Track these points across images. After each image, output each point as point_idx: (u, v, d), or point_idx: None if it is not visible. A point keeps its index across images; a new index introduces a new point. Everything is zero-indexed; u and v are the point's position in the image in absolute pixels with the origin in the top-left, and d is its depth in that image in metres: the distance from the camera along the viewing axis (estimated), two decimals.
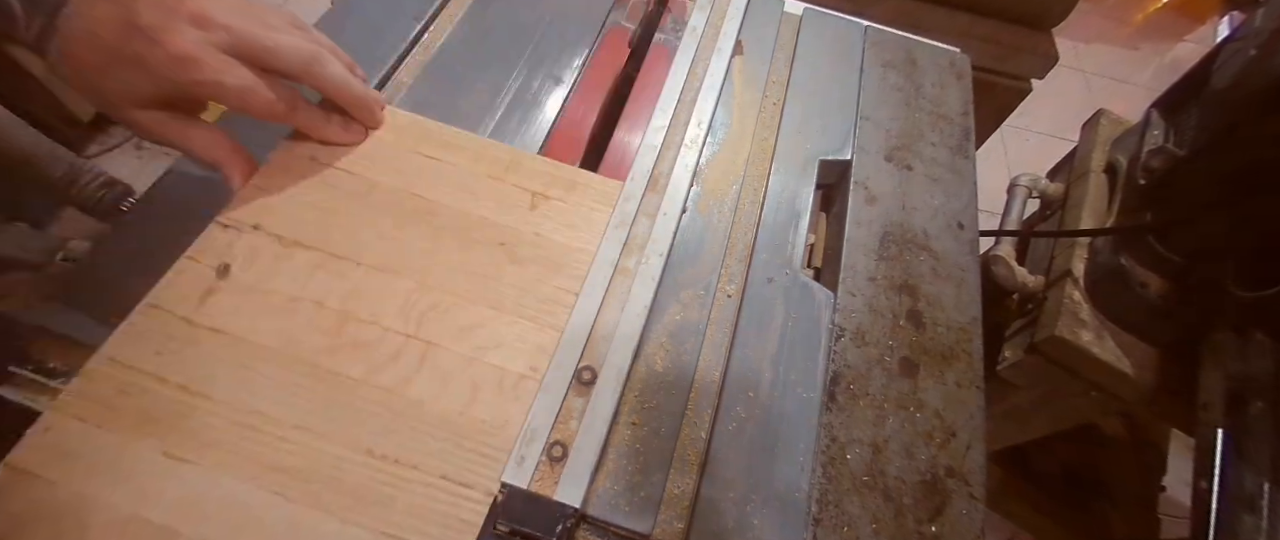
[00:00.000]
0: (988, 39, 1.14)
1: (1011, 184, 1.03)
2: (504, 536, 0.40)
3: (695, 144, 0.60)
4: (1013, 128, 2.09)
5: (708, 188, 0.59)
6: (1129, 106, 2.20)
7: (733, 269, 0.54)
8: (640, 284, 0.51)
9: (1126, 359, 0.78)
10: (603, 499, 0.41)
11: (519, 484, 0.41)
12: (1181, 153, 0.79)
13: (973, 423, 0.49)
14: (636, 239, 0.53)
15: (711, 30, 0.70)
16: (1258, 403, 0.64)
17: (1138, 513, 1.12)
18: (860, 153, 0.63)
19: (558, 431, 0.43)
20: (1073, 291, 0.83)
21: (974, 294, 0.56)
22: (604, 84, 0.66)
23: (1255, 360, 0.66)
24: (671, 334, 0.49)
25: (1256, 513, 0.59)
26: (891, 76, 0.70)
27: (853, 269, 0.55)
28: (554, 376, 0.45)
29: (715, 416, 0.46)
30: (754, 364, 0.49)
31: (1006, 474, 1.21)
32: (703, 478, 0.44)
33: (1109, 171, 0.93)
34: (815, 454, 0.46)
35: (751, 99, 0.66)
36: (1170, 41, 2.64)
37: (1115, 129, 1.00)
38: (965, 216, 0.61)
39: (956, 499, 0.45)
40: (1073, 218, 0.91)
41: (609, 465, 0.43)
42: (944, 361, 0.52)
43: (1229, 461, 0.62)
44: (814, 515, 0.43)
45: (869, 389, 0.49)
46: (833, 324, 0.52)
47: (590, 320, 0.48)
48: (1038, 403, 0.94)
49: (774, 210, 0.58)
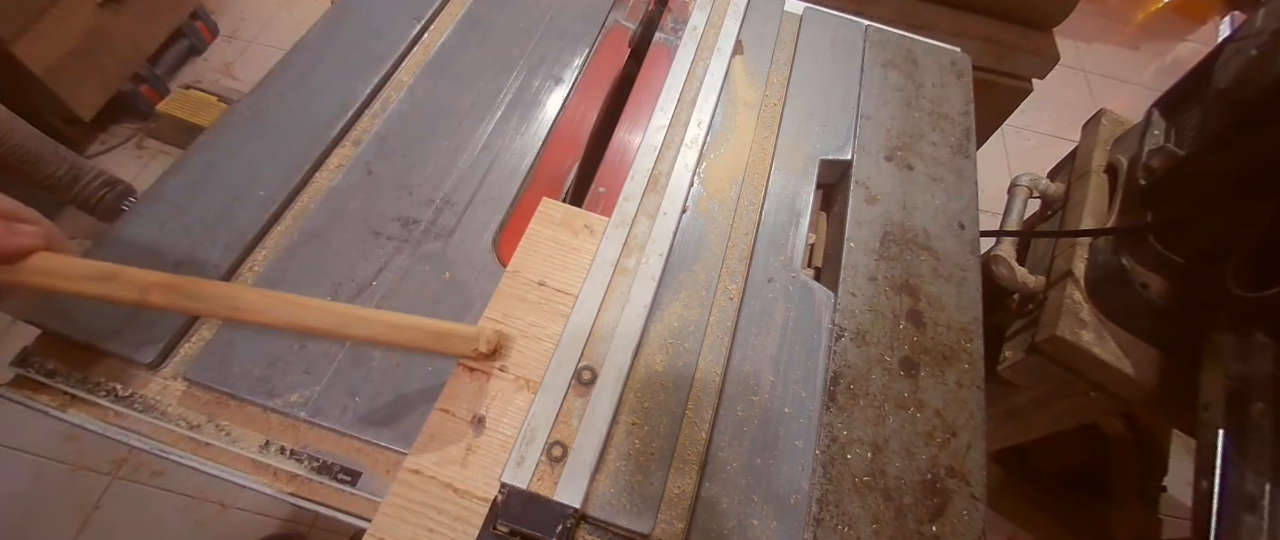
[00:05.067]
0: (988, 39, 1.13)
1: (1012, 184, 1.03)
2: (504, 537, 0.40)
3: (695, 143, 0.60)
4: (1013, 127, 2.09)
5: (708, 187, 0.58)
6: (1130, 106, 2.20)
7: (733, 269, 0.54)
8: (640, 284, 0.50)
9: (1127, 359, 0.78)
10: (603, 499, 0.41)
11: (519, 484, 0.41)
12: (1182, 153, 0.79)
13: (973, 423, 0.49)
14: (636, 239, 0.53)
15: (712, 30, 0.70)
16: (1258, 403, 0.64)
17: (1138, 513, 1.11)
18: (861, 152, 0.63)
19: (557, 431, 0.43)
20: (1073, 291, 0.82)
21: (975, 294, 0.56)
22: (604, 83, 0.66)
23: (1256, 361, 0.66)
24: (671, 334, 0.49)
25: (1257, 513, 0.59)
26: (892, 76, 0.70)
27: (853, 269, 0.55)
28: (554, 376, 0.45)
29: (715, 416, 0.46)
30: (754, 364, 0.49)
31: (1007, 474, 1.21)
32: (703, 477, 0.44)
33: (1110, 171, 0.93)
34: (815, 454, 0.46)
35: (752, 99, 0.66)
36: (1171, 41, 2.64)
37: (1116, 129, 1.00)
38: (966, 216, 0.60)
39: (957, 499, 0.45)
40: (1073, 218, 0.91)
41: (609, 465, 0.43)
42: (944, 361, 0.51)
43: (1230, 462, 0.62)
44: (814, 515, 0.43)
45: (869, 389, 0.49)
46: (833, 324, 0.52)
47: (590, 320, 0.48)
48: (1038, 403, 0.94)
49: (774, 210, 0.58)
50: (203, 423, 0.43)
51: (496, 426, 0.43)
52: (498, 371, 0.45)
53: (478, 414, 0.43)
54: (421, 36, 0.66)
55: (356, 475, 0.43)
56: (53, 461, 1.23)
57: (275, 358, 0.45)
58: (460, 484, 0.40)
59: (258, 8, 2.05)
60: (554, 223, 0.53)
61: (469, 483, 0.40)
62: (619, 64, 0.68)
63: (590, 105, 0.63)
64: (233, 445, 0.43)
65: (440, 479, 0.40)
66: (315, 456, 0.43)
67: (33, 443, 1.24)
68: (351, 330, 0.37)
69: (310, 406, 0.43)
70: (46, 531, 1.18)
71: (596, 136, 0.62)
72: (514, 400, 0.44)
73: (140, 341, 0.44)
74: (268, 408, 0.44)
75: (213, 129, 0.55)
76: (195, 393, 0.44)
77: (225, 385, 0.43)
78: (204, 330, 0.46)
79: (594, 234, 0.53)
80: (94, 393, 0.43)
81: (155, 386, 0.44)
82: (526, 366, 0.45)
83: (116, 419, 0.43)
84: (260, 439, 0.43)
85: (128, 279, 0.34)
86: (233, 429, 0.43)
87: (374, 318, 0.38)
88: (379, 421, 0.43)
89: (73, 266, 0.34)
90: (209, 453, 0.43)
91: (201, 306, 0.35)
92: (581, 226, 0.53)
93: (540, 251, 0.51)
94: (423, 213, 0.54)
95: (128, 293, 0.34)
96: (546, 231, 0.52)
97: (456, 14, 0.68)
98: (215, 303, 0.35)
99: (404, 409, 0.44)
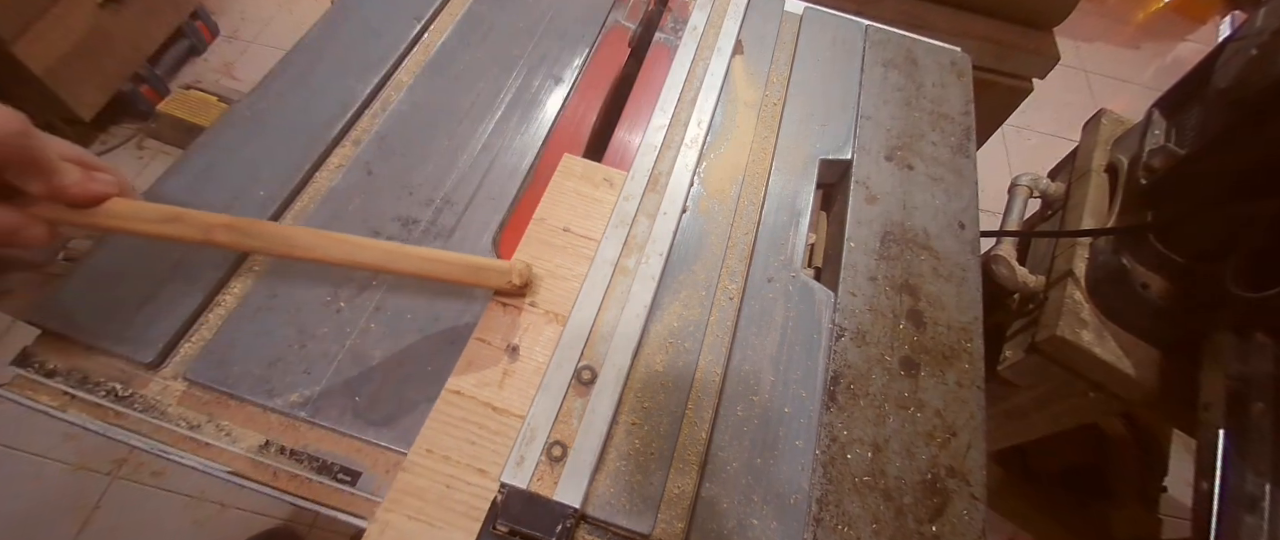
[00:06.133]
0: (988, 38, 1.13)
1: (1012, 184, 1.03)
2: (503, 536, 0.40)
3: (695, 143, 0.60)
4: (1014, 127, 2.09)
5: (708, 187, 0.58)
6: (1130, 106, 2.20)
7: (733, 268, 0.54)
8: (640, 284, 0.50)
9: (1127, 359, 0.78)
10: (603, 499, 0.41)
11: (518, 484, 0.41)
12: (1183, 152, 0.79)
13: (973, 422, 0.49)
14: (636, 239, 0.53)
15: (712, 29, 0.70)
16: (1259, 403, 0.64)
17: (1138, 513, 1.11)
18: (861, 152, 0.63)
19: (557, 431, 0.43)
20: (1074, 291, 0.82)
21: (975, 294, 0.56)
22: (604, 83, 0.66)
23: (1256, 361, 0.66)
24: (671, 334, 0.49)
25: (1258, 514, 0.59)
26: (892, 76, 0.70)
27: (853, 268, 0.55)
28: (554, 376, 0.45)
29: (715, 416, 0.46)
30: (754, 364, 0.49)
31: (1007, 474, 1.21)
32: (703, 477, 0.44)
33: (1110, 171, 0.93)
34: (815, 454, 0.45)
35: (752, 98, 0.66)
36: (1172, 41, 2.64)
37: (1116, 128, 1.00)
38: (966, 216, 0.60)
39: (957, 499, 0.45)
40: (1074, 218, 0.91)
41: (609, 465, 0.43)
42: (945, 361, 0.51)
43: (1230, 462, 0.62)
44: (814, 515, 0.43)
45: (869, 389, 0.49)
46: (833, 323, 0.52)
47: (590, 320, 0.48)
48: (1038, 402, 0.94)
49: (774, 210, 0.58)
50: (203, 423, 0.43)
51: (530, 354, 0.47)
52: (528, 306, 0.49)
53: (511, 343, 0.47)
54: (421, 36, 0.66)
55: (356, 475, 0.43)
56: (53, 461, 1.23)
57: (275, 358, 0.45)
58: (498, 403, 0.44)
59: (258, 8, 2.05)
60: (575, 176, 0.56)
61: (506, 402, 0.44)
62: (619, 64, 0.68)
63: (590, 105, 0.63)
64: (233, 445, 0.43)
65: (480, 399, 0.44)
66: (315, 456, 0.43)
67: (33, 443, 1.24)
68: (397, 265, 0.41)
69: (310, 406, 0.43)
70: (46, 531, 1.18)
71: (596, 136, 0.62)
72: (544, 332, 0.48)
73: (140, 341, 0.44)
74: (268, 408, 0.44)
75: (213, 129, 0.55)
76: (195, 393, 0.44)
77: (225, 385, 0.43)
78: (204, 330, 0.46)
79: (613, 186, 0.56)
80: (94, 393, 0.43)
81: (155, 386, 0.44)
82: (555, 302, 0.49)
83: (116, 419, 0.43)
84: (260, 439, 0.43)
85: (192, 220, 0.37)
86: (233, 429, 0.43)
87: (417, 253, 0.42)
88: (379, 421, 0.43)
89: (143, 210, 0.37)
90: (209, 453, 0.43)
91: (260, 245, 0.38)
92: (601, 179, 0.57)
93: (563, 201, 0.55)
94: (423, 212, 0.54)
95: (193, 233, 0.37)
96: (568, 183, 0.56)
97: (456, 14, 0.68)
98: (272, 241, 0.38)
99: (404, 409, 0.44)
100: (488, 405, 0.44)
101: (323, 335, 0.46)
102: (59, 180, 0.34)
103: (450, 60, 0.64)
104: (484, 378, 0.45)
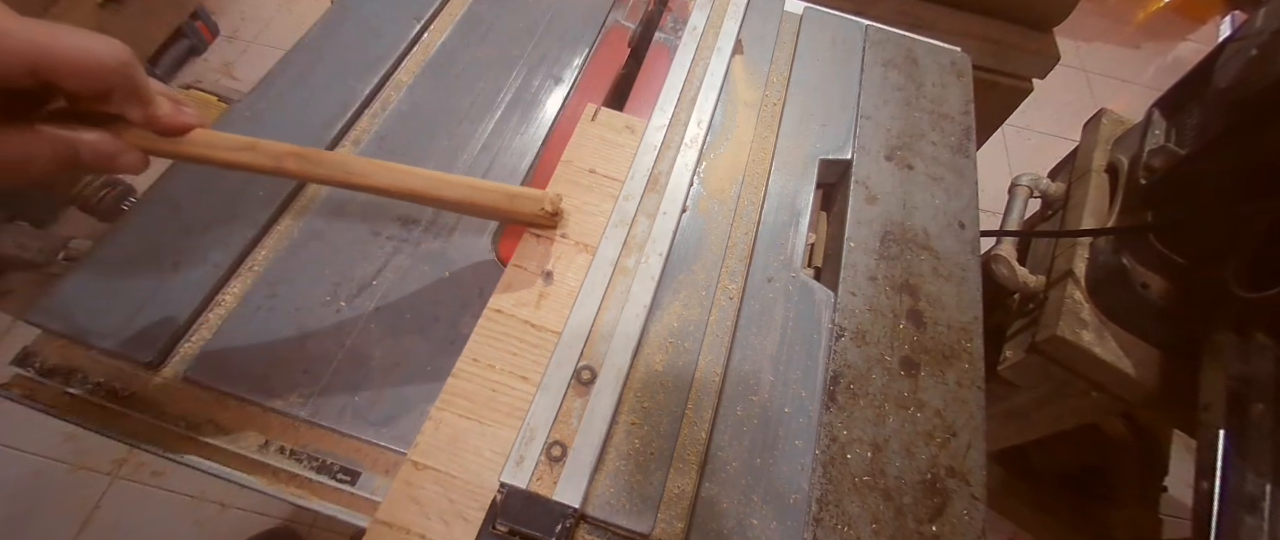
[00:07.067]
0: (988, 38, 1.13)
1: (1012, 184, 1.03)
2: (503, 536, 0.40)
3: (695, 143, 0.60)
4: (1014, 127, 2.09)
5: (708, 187, 0.58)
6: (1130, 106, 2.20)
7: (733, 268, 0.54)
8: (640, 284, 0.50)
9: (1127, 359, 0.78)
10: (602, 499, 0.41)
11: (518, 484, 0.41)
12: (1183, 152, 0.79)
13: (973, 423, 0.49)
14: (636, 238, 0.53)
15: (711, 29, 0.70)
16: (1259, 404, 0.64)
17: (1139, 513, 1.11)
18: (861, 152, 0.63)
19: (557, 431, 0.43)
20: (1074, 291, 0.82)
21: (975, 294, 0.56)
22: (604, 83, 0.66)
23: (1256, 361, 0.66)
24: (671, 334, 0.49)
25: (1258, 514, 0.59)
26: (892, 76, 0.70)
27: (853, 268, 0.55)
28: (553, 376, 0.45)
29: (715, 416, 0.46)
30: (754, 364, 0.49)
31: (1007, 474, 1.20)
32: (703, 477, 0.44)
33: (1110, 171, 0.93)
34: (815, 454, 0.45)
35: (752, 98, 0.66)
36: (1172, 41, 2.64)
37: (1116, 128, 1.00)
38: (966, 216, 0.60)
39: (957, 499, 0.45)
40: (1074, 217, 0.91)
41: (609, 465, 0.43)
42: (945, 361, 0.51)
43: (1230, 462, 0.62)
44: (814, 515, 0.43)
45: (869, 389, 0.49)
46: (833, 323, 0.52)
47: (590, 320, 0.48)
48: (1039, 403, 0.94)
49: (774, 209, 0.58)
50: (203, 423, 0.43)
51: (562, 279, 0.50)
52: (560, 237, 0.52)
53: (546, 269, 0.50)
54: (421, 36, 0.66)
55: (356, 475, 0.43)
56: (53, 461, 1.23)
57: (275, 358, 0.45)
58: (536, 321, 0.48)
59: (258, 8, 2.05)
60: (599, 124, 0.60)
61: (543, 320, 0.48)
62: (619, 64, 0.68)
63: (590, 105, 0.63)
64: (233, 445, 0.43)
65: (519, 317, 0.48)
66: (315, 456, 0.43)
67: (33, 443, 1.24)
68: (441, 192, 0.44)
69: (310, 406, 0.43)
70: (46, 531, 1.18)
71: None
72: (575, 260, 0.51)
73: (140, 341, 0.44)
74: (267, 407, 0.44)
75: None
76: (195, 393, 0.44)
77: (225, 385, 0.44)
78: (204, 330, 0.46)
79: (635, 132, 0.59)
80: (94, 393, 0.43)
81: (155, 386, 0.44)
82: (584, 234, 0.53)
83: (116, 419, 0.43)
84: (260, 439, 0.43)
85: (264, 149, 0.40)
86: (233, 429, 0.43)
87: (460, 182, 0.45)
88: (379, 421, 0.44)
89: (222, 139, 0.39)
90: (209, 453, 0.43)
91: (323, 172, 0.41)
92: (622, 126, 0.60)
93: (588, 146, 0.58)
94: (422, 212, 0.54)
95: (266, 161, 0.40)
96: (592, 130, 0.59)
97: (456, 14, 0.68)
98: (333, 168, 0.41)
99: (404, 409, 0.44)
100: (526, 322, 0.48)
101: (322, 335, 0.46)
102: (154, 109, 0.37)
103: (450, 60, 0.64)
104: (521, 298, 0.49)
